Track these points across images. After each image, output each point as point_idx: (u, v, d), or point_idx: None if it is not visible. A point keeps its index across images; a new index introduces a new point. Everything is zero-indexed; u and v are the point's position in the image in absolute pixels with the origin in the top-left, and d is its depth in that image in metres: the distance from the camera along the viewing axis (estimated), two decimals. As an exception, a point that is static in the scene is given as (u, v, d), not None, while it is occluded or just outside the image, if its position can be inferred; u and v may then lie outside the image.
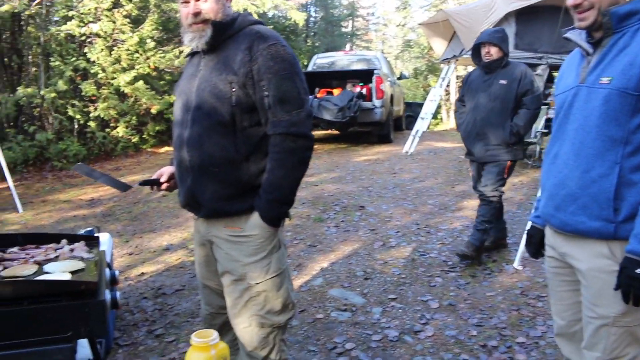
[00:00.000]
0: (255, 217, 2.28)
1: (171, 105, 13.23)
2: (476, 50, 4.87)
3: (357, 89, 11.62)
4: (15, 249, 2.53)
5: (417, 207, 6.92)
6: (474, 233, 4.90)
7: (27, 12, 12.95)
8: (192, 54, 2.46)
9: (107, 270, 2.46)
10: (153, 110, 13.06)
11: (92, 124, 12.83)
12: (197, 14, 2.24)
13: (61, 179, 10.82)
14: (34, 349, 1.96)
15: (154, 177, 2.49)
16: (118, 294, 2.23)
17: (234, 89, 2.21)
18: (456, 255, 4.97)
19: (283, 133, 2.20)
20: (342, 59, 13.64)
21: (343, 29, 28.57)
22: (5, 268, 2.27)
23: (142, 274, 5.07)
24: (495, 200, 4.84)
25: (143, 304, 4.41)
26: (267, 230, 2.30)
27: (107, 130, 13.12)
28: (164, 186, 2.49)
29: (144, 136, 13.51)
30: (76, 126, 13.32)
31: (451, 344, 3.62)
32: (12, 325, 1.95)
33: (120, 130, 12.88)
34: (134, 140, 13.19)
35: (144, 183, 2.43)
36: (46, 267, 2.23)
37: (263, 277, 2.32)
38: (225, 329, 2.68)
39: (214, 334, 1.38)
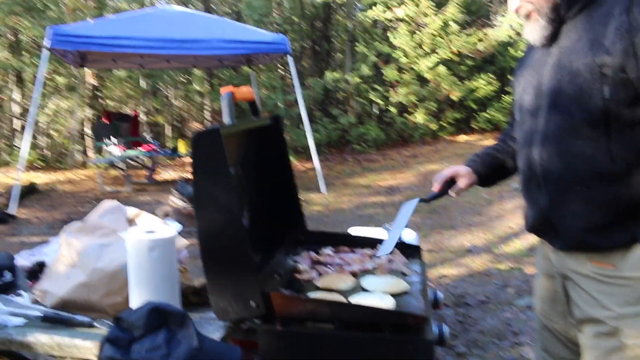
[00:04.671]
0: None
1: (472, 92, 12.72)
2: None
3: None
4: (329, 250, 2.26)
5: None
6: None
7: (337, 1, 13.65)
8: None
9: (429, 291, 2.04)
10: (453, 97, 12.70)
11: (392, 108, 13.01)
12: (517, 10, 1.71)
13: (361, 163, 11.12)
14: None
15: (446, 175, 2.05)
16: (446, 328, 1.78)
17: (606, 76, 1.54)
18: None
19: None
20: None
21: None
22: (320, 274, 2.00)
23: (443, 276, 4.66)
24: None
25: (443, 311, 3.99)
26: (657, 273, 1.61)
27: (406, 115, 13.18)
28: (452, 193, 2.05)
29: (442, 123, 13.24)
30: (376, 111, 13.67)
31: None
32: (322, 349, 1.64)
33: (419, 116, 12.82)
34: (432, 127, 13.01)
35: (432, 198, 2.05)
36: (364, 282, 1.89)
37: (645, 336, 1.64)
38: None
39: None
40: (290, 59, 8.91)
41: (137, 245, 1.77)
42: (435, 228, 6.00)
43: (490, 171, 2.07)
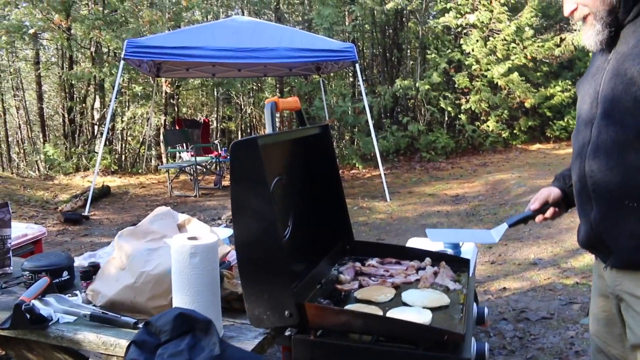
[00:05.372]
0: None
1: (547, 99, 12.29)
2: None
3: None
4: (374, 261, 2.22)
5: None
6: None
7: (408, 8, 13.52)
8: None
9: (474, 306, 1.96)
10: (527, 104, 12.29)
11: (462, 116, 12.75)
12: (573, 13, 1.63)
13: (428, 171, 10.95)
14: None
15: (531, 206, 1.99)
16: (487, 346, 1.71)
17: None
18: None
19: None
20: None
21: None
22: (361, 286, 1.97)
23: (504, 289, 4.50)
24: None
25: (502, 326, 3.84)
26: None
27: (477, 123, 12.88)
28: (539, 219, 1.99)
29: (514, 131, 12.83)
30: (446, 118, 13.43)
31: None
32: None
33: (491, 124, 12.48)
34: (503, 135, 12.63)
35: (515, 223, 2.06)
36: (405, 295, 1.84)
37: None
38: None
39: None
40: (357, 67, 8.92)
41: (179, 250, 1.80)
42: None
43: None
